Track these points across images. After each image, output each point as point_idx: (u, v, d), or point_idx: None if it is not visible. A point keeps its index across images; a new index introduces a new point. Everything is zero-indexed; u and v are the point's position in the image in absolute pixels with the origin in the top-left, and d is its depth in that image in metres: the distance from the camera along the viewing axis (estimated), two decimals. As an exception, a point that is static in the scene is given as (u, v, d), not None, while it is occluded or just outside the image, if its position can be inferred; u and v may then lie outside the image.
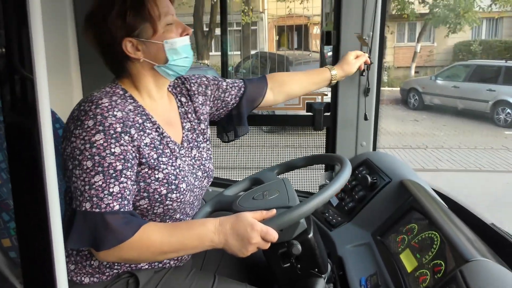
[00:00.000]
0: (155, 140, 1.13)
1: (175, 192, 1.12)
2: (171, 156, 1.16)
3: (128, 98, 1.14)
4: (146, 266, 1.17)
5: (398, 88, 13.62)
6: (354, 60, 1.61)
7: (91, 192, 1.00)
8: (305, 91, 1.62)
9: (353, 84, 1.75)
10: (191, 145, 1.26)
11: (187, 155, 1.24)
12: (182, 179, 1.15)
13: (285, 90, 1.56)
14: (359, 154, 1.81)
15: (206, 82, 1.38)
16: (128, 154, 1.05)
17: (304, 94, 1.70)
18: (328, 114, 1.84)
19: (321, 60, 1.95)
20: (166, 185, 1.11)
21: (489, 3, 15.45)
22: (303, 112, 1.89)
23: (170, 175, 1.12)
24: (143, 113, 1.14)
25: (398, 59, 17.54)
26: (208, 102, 1.37)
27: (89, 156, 1.00)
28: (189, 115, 1.32)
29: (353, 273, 1.29)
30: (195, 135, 1.30)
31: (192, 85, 1.35)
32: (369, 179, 1.57)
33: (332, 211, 1.66)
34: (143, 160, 1.08)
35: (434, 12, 15.76)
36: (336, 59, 1.74)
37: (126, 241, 1.00)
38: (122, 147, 1.04)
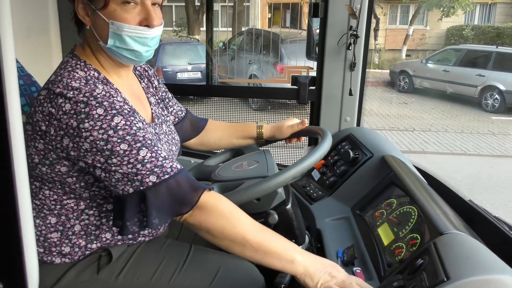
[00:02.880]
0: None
1: None
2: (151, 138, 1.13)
3: (104, 80, 1.08)
4: (119, 243, 1.15)
5: (388, 71, 13.61)
6: (288, 127, 1.47)
7: (146, 166, 0.96)
8: (226, 145, 1.52)
9: (339, 59, 1.73)
10: (160, 120, 1.24)
11: (160, 132, 1.21)
12: None
13: (203, 138, 1.50)
14: (342, 129, 1.80)
15: (158, 79, 1.35)
16: (147, 126, 1.04)
17: (226, 148, 1.56)
18: (313, 88, 1.83)
19: (308, 35, 1.91)
20: None
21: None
22: (288, 85, 1.87)
23: None
24: (121, 95, 1.09)
25: (389, 42, 17.44)
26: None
27: (119, 141, 0.96)
28: (151, 89, 1.29)
29: (330, 245, 1.29)
30: (160, 109, 1.28)
31: (148, 69, 1.33)
32: (351, 154, 1.57)
33: (314, 185, 1.66)
34: None
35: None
36: (323, 32, 1.71)
37: (205, 191, 0.99)
38: (140, 122, 1.02)
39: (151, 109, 1.23)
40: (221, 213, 1.00)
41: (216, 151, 1.64)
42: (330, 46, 1.71)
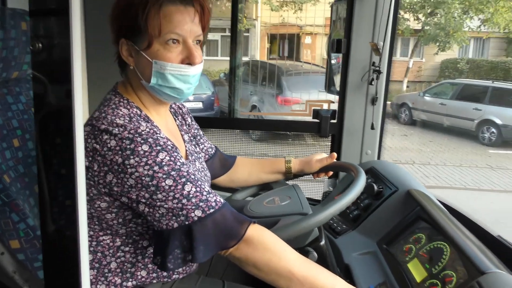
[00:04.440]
0: None
1: None
2: None
3: (146, 117, 1.09)
4: (154, 281, 1.13)
5: (389, 102, 13.78)
6: (317, 161, 1.49)
7: (192, 201, 0.97)
8: (255, 181, 1.52)
9: (361, 93, 1.76)
10: (193, 157, 1.24)
11: (194, 169, 1.22)
12: None
13: (232, 175, 1.50)
14: (363, 162, 1.81)
15: (191, 116, 1.38)
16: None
17: (255, 184, 1.54)
18: (334, 121, 1.85)
19: (327, 69, 1.95)
20: None
21: (478, 24, 15.81)
22: (309, 119, 1.89)
23: None
24: (162, 133, 1.09)
25: (391, 73, 17.72)
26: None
27: (164, 176, 0.97)
28: (184, 127, 1.31)
29: (361, 280, 1.27)
30: (193, 146, 1.29)
31: (183, 106, 1.35)
32: (375, 187, 1.57)
33: (337, 219, 1.65)
34: None
35: (425, 30, 16.06)
36: (345, 67, 1.74)
37: (250, 225, 0.99)
38: (182, 158, 1.03)
39: (185, 146, 1.23)
40: (267, 246, 0.99)
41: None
42: (352, 81, 1.74)
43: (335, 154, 1.44)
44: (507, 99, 10.13)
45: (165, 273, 1.13)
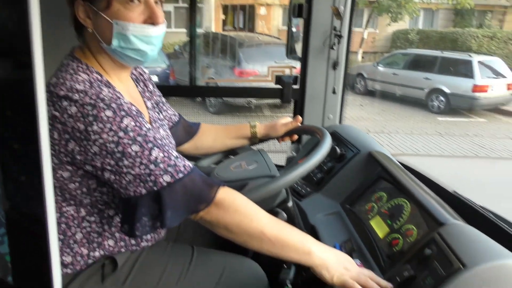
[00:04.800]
0: None
1: None
2: None
3: (107, 83, 1.04)
4: (123, 249, 1.11)
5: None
6: (283, 125, 1.50)
7: (160, 166, 0.94)
8: (221, 147, 1.51)
9: (323, 58, 1.77)
10: (157, 124, 1.21)
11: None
12: None
13: (197, 142, 1.49)
14: (326, 126, 1.84)
15: (153, 83, 1.33)
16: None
17: (221, 151, 1.54)
18: (297, 87, 1.85)
19: (288, 35, 1.93)
20: None
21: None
22: (272, 85, 1.88)
23: None
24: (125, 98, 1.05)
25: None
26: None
27: (130, 142, 0.93)
28: (146, 93, 1.27)
29: (327, 239, 1.31)
30: (156, 113, 1.26)
31: (144, 72, 1.30)
32: (338, 150, 1.60)
33: (301, 182, 1.67)
34: None
35: (379, 1, 16.30)
36: (307, 32, 1.73)
37: (220, 188, 0.98)
38: (147, 123, 1.00)
39: (149, 113, 1.19)
40: (237, 208, 0.99)
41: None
42: (313, 46, 1.74)
43: (300, 118, 1.45)
44: (455, 68, 10.53)
45: (133, 241, 1.11)
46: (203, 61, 7.94)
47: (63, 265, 1.05)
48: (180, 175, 0.95)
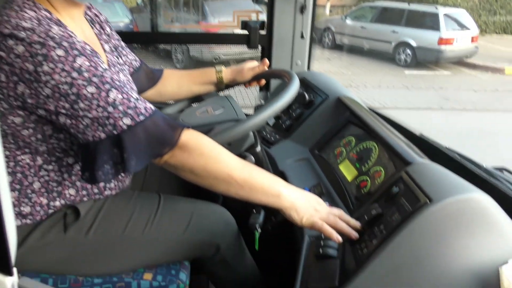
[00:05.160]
0: None
1: None
2: None
3: (58, 21, 0.95)
4: (85, 199, 1.07)
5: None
6: (249, 69, 1.44)
7: (119, 109, 0.88)
8: (186, 93, 1.46)
9: (289, 2, 1.70)
10: (117, 69, 1.14)
11: None
12: None
13: (160, 89, 1.42)
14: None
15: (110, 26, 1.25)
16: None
17: (186, 98, 1.49)
18: (264, 32, 1.79)
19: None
20: None
21: None
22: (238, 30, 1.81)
23: None
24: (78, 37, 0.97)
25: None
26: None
27: (85, 83, 0.86)
28: (103, 36, 1.19)
29: (296, 184, 1.29)
30: (115, 57, 1.18)
31: (100, 14, 1.22)
32: (307, 96, 1.57)
33: (269, 130, 1.65)
34: None
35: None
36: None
37: (184, 130, 0.93)
38: (103, 63, 0.93)
39: (106, 56, 1.12)
40: (203, 151, 0.95)
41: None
42: (280, -11, 1.67)
43: (267, 61, 1.40)
44: (421, 21, 10.56)
45: (96, 190, 1.07)
46: (168, 15, 7.64)
47: (22, 215, 1.00)
48: (141, 117, 0.90)
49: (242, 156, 1.12)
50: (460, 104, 7.55)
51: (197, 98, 1.42)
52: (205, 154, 0.95)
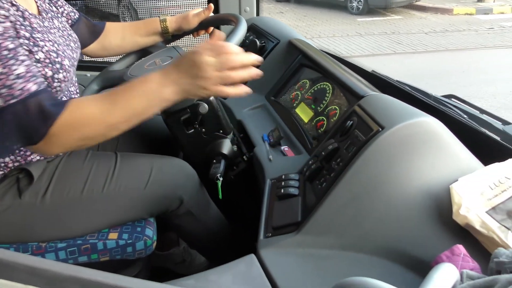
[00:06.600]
0: (18, 17, 0.91)
1: (60, 71, 0.96)
2: (42, 31, 0.96)
3: None
4: (37, 157, 1.02)
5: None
6: (195, 16, 1.37)
7: None
8: (131, 46, 1.38)
9: None
10: (49, 15, 1.08)
11: (52, 26, 1.06)
12: (63, 55, 0.99)
13: (103, 42, 1.34)
14: (243, 20, 1.75)
15: None
16: (11, 31, 0.84)
17: (132, 50, 1.42)
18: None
19: None
20: (50, 65, 0.94)
21: None
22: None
23: (51, 53, 0.95)
24: None
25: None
26: None
27: None
28: None
29: (254, 131, 1.30)
30: (47, 4, 1.11)
31: None
32: (258, 42, 1.55)
33: (223, 80, 1.62)
34: (20, 41, 0.88)
35: None
36: None
37: (56, 120, 0.83)
38: (1, 25, 0.83)
39: (36, 2, 1.05)
40: (68, 125, 0.85)
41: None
42: None
43: (212, 5, 1.35)
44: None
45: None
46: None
47: None
48: (12, 101, 0.81)
49: (195, 105, 1.10)
50: (412, 47, 7.69)
51: (146, 53, 1.37)
52: (78, 130, 0.87)
